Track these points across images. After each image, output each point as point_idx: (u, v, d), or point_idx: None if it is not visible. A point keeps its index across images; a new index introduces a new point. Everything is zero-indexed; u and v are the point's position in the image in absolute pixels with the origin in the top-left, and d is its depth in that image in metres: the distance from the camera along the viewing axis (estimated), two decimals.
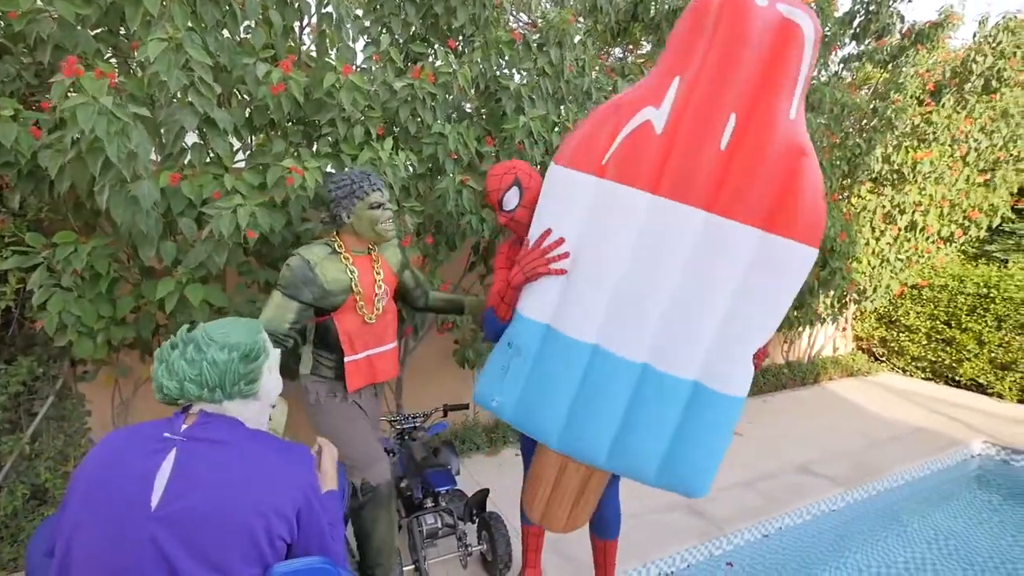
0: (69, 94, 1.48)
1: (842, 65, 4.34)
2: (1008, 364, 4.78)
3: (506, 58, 2.41)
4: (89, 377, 2.43)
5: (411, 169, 2.19)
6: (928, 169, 4.49)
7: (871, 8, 3.56)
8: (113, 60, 1.96)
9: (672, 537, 2.53)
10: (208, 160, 1.91)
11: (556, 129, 2.49)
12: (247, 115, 1.96)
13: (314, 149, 2.21)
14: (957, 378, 5.18)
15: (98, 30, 1.86)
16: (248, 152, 2.07)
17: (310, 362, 1.79)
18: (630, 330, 1.37)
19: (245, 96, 1.99)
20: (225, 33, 1.92)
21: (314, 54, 2.25)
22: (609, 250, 1.36)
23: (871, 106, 4.35)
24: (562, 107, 2.61)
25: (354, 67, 2.07)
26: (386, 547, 1.83)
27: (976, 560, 2.78)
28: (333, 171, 1.56)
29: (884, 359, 5.87)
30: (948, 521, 3.17)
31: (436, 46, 2.42)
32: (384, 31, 2.26)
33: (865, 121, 4.46)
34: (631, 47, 3.71)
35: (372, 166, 2.02)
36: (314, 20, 2.13)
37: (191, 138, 1.88)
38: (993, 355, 4.86)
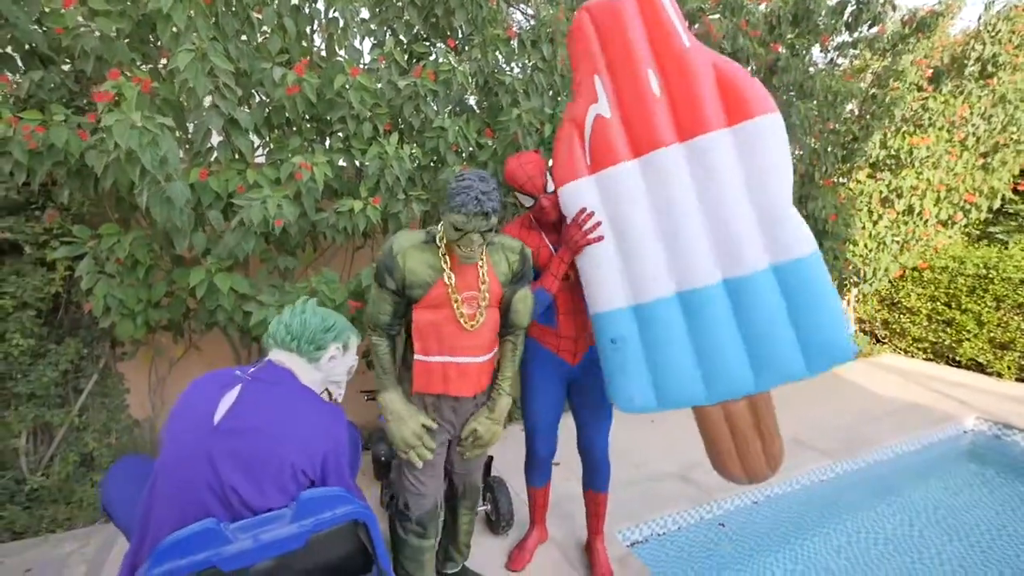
0: (108, 110, 1.66)
1: (836, 52, 4.43)
2: (1007, 343, 4.85)
3: (502, 55, 2.57)
4: (128, 356, 2.66)
5: (416, 162, 2.36)
6: (925, 154, 4.56)
7: None
8: (144, 67, 2.15)
9: (665, 502, 2.71)
10: (232, 157, 2.10)
11: (553, 120, 2.65)
12: (266, 115, 2.15)
13: (327, 145, 2.40)
14: (957, 358, 5.25)
15: (127, 40, 2.06)
16: (267, 149, 2.27)
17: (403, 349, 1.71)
18: (693, 260, 1.56)
19: (264, 97, 2.17)
20: (243, 38, 2.11)
21: (324, 54, 2.43)
22: (635, 216, 1.60)
23: (871, 93, 4.43)
24: (558, 99, 2.76)
25: (361, 67, 2.24)
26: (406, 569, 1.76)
27: (963, 527, 2.90)
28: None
29: (886, 341, 5.95)
30: (938, 492, 3.29)
31: (437, 45, 2.59)
32: (389, 33, 2.43)
33: (864, 108, 4.54)
34: None
35: (380, 160, 2.20)
36: (324, 23, 2.31)
37: (216, 136, 2.08)
38: (992, 335, 4.93)
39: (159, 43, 2.07)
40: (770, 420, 1.64)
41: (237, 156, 2.14)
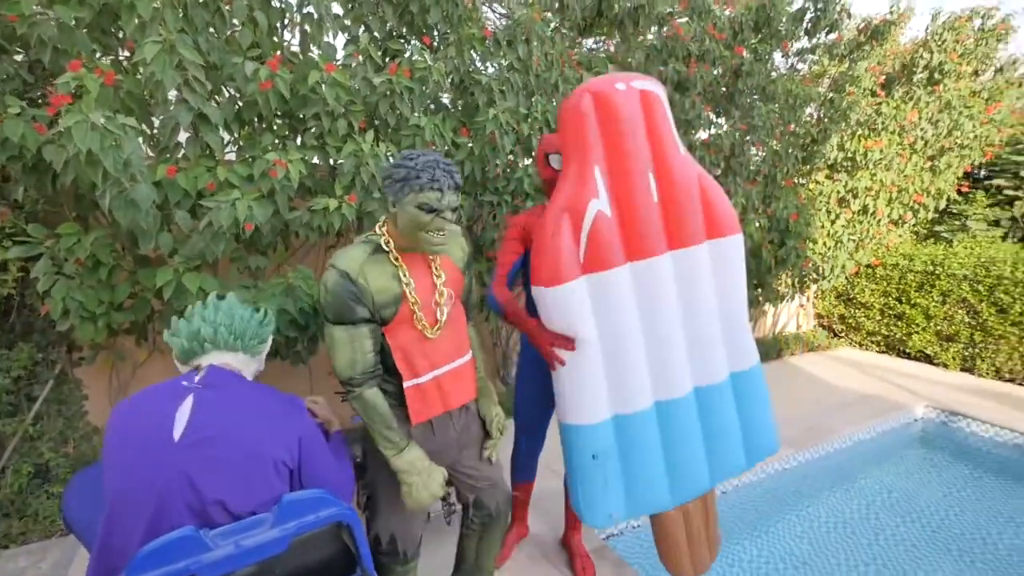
0: (68, 109, 1.58)
1: (796, 58, 4.62)
2: (952, 336, 5.17)
3: (478, 53, 2.57)
4: (87, 361, 2.54)
5: (391, 160, 2.34)
6: (878, 157, 4.80)
7: (819, 5, 3.84)
8: (105, 59, 2.06)
9: None
10: (201, 153, 2.04)
11: (528, 120, 2.67)
12: (236, 110, 2.09)
13: (299, 142, 2.35)
14: (907, 350, 5.56)
15: (87, 30, 1.97)
16: (238, 146, 2.21)
17: None
18: (672, 374, 1.57)
19: (234, 92, 2.11)
20: (211, 31, 2.04)
21: (295, 49, 2.38)
22: (625, 322, 1.52)
23: (828, 97, 4.64)
24: (532, 99, 2.79)
25: (336, 63, 2.21)
26: None
27: (914, 510, 3.09)
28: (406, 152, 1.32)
29: (843, 335, 6.25)
30: (891, 477, 3.49)
31: (412, 43, 2.57)
32: (363, 29, 2.40)
33: (822, 111, 4.75)
34: (606, 39, 3.89)
35: (355, 158, 2.17)
36: (296, 18, 2.26)
37: (183, 133, 2.00)
38: (939, 328, 5.24)
39: (121, 34, 1.98)
40: (714, 511, 1.79)
41: (206, 153, 2.07)
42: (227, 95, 2.15)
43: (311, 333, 2.45)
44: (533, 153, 2.68)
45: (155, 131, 2.00)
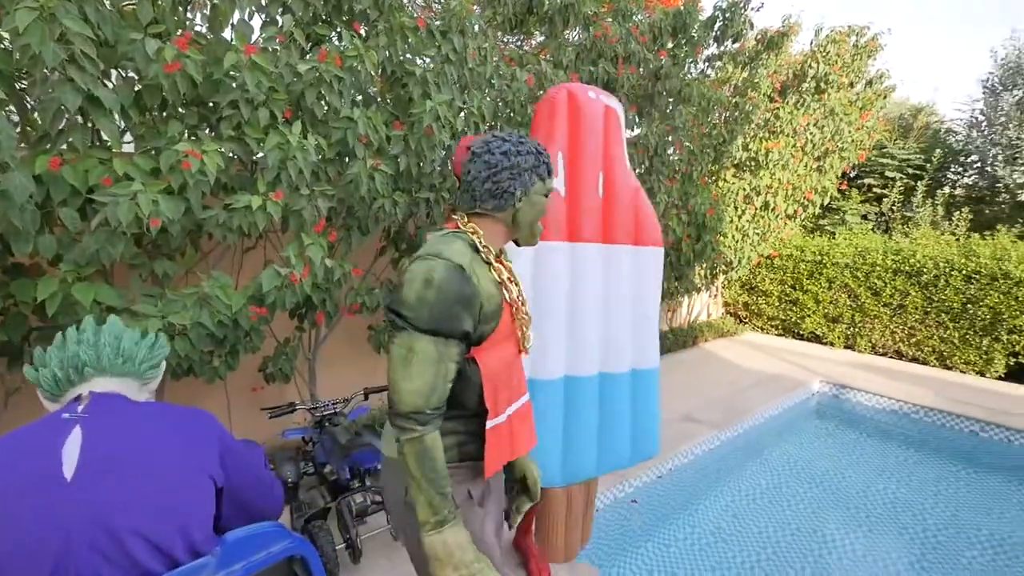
0: None
1: (707, 64, 4.94)
2: (836, 318, 5.83)
3: (410, 43, 2.45)
4: None
5: (321, 154, 2.17)
6: (776, 158, 5.28)
7: (727, 15, 4.13)
8: None
9: None
10: (92, 144, 1.75)
11: (462, 114, 2.60)
12: (135, 94, 1.82)
13: (210, 132, 2.10)
14: (801, 332, 6.20)
15: None
16: (138, 135, 1.92)
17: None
18: (584, 353, 1.75)
19: (132, 74, 1.83)
20: (107, 3, 1.75)
21: (200, 29, 2.12)
22: (554, 293, 1.69)
23: (733, 101, 5.01)
24: (466, 93, 2.71)
25: (256, 46, 1.99)
26: None
27: (815, 475, 3.45)
28: (494, 141, 1.10)
29: (747, 320, 6.82)
30: (796, 448, 3.87)
31: (340, 29, 2.39)
32: (283, 11, 2.18)
33: (728, 114, 5.12)
34: (525, 37, 3.91)
35: (280, 151, 1.98)
36: None
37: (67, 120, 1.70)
38: (826, 311, 5.89)
39: None
40: (593, 502, 2.00)
41: (98, 143, 1.78)
42: (122, 77, 1.87)
43: (229, 346, 2.21)
44: None
45: (31, 116, 1.68)
